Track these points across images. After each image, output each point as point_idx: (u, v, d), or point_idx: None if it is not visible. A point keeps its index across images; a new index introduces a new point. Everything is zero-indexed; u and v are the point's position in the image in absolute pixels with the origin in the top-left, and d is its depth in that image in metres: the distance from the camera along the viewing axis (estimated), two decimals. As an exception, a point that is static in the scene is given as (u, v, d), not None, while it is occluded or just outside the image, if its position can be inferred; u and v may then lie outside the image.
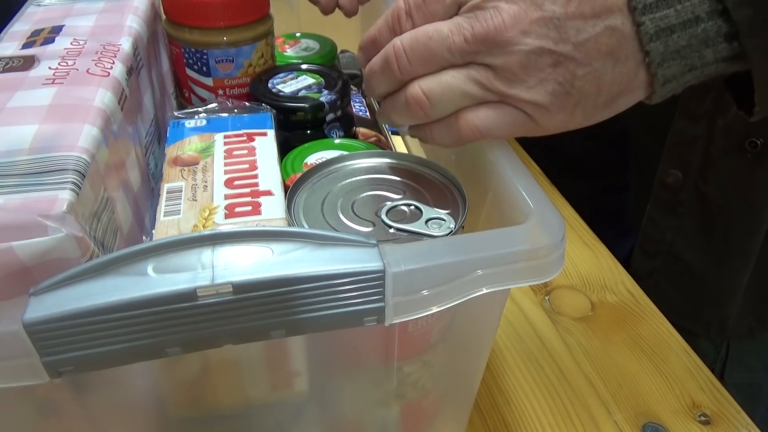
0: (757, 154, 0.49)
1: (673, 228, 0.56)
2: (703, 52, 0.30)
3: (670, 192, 0.55)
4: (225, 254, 0.24)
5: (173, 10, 0.47)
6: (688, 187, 0.54)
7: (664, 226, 0.57)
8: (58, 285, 0.23)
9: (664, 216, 0.56)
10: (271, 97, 0.46)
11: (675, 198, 0.55)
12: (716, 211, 0.53)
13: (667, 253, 0.57)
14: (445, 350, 0.33)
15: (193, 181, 0.37)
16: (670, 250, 0.57)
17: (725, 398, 0.43)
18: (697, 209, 0.54)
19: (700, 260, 0.56)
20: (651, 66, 0.30)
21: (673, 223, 0.56)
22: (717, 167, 0.51)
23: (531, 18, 0.30)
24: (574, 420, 0.41)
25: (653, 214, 0.57)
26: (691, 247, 0.56)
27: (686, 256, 0.57)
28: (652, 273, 0.58)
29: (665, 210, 0.56)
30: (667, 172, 0.54)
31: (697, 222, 0.55)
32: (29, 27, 0.41)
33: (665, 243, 0.57)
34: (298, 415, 0.34)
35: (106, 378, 0.27)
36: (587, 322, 0.49)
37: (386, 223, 0.32)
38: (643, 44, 0.29)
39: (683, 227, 0.56)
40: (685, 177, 0.53)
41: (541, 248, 0.27)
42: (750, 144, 0.49)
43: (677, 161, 0.53)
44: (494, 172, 0.33)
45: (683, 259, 0.57)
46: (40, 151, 0.29)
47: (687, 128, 0.52)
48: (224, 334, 0.25)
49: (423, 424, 0.37)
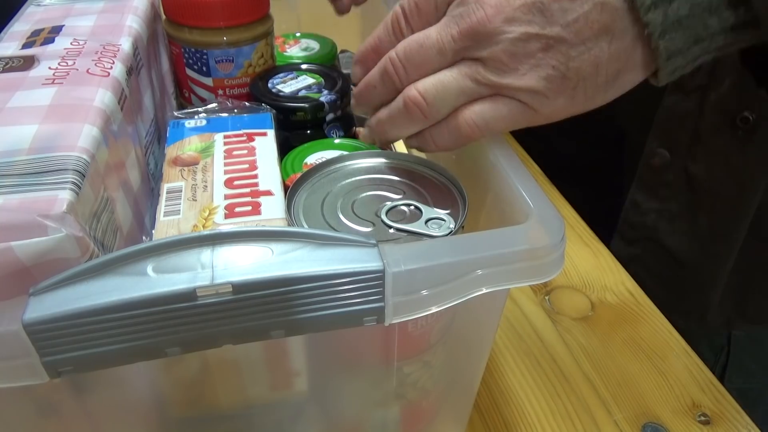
0: (748, 131, 0.48)
1: (656, 211, 0.55)
2: (707, 21, 0.28)
3: (655, 173, 0.54)
4: (225, 254, 0.24)
5: (173, 10, 0.47)
6: (675, 167, 0.52)
7: (646, 209, 0.55)
8: (58, 285, 0.23)
9: (648, 199, 0.55)
10: (271, 97, 0.46)
11: (660, 179, 0.54)
12: (703, 192, 0.52)
13: (648, 239, 0.56)
14: (444, 350, 0.33)
15: (193, 181, 0.37)
16: (651, 235, 0.56)
17: (725, 398, 0.43)
18: (684, 190, 0.53)
19: (683, 246, 0.55)
20: (651, 38, 0.29)
21: (656, 206, 0.55)
22: (706, 145, 0.50)
23: (514, 5, 0.30)
24: (574, 420, 0.41)
25: (636, 197, 0.56)
26: (673, 231, 0.55)
27: (668, 241, 0.55)
28: (630, 261, 0.57)
29: (649, 193, 0.55)
30: (653, 151, 0.53)
31: (681, 204, 0.54)
32: (29, 27, 0.41)
33: (646, 228, 0.56)
34: (298, 415, 0.34)
35: (106, 378, 0.27)
36: (587, 322, 0.49)
37: (386, 223, 0.32)
38: (640, 15, 0.28)
39: (667, 210, 0.55)
40: (673, 156, 0.52)
41: (540, 248, 0.27)
42: (742, 119, 0.48)
43: (665, 139, 0.52)
44: (494, 172, 0.33)
45: (665, 244, 0.56)
46: (40, 151, 0.29)
47: (677, 103, 0.50)
48: (224, 334, 0.25)
49: (423, 424, 0.37)
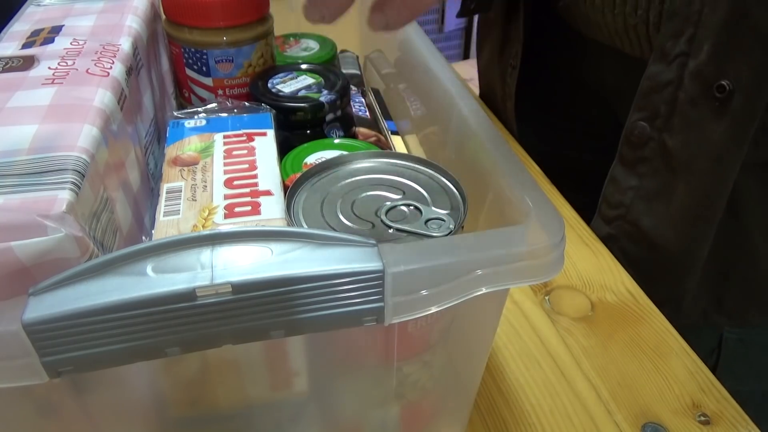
0: (723, 101, 0.48)
1: (634, 189, 0.55)
2: None
3: (635, 147, 0.53)
4: (224, 254, 0.24)
5: (173, 10, 0.47)
6: (653, 141, 0.52)
7: (625, 186, 0.55)
8: (58, 285, 0.23)
9: (627, 175, 0.55)
10: (270, 97, 0.46)
11: (639, 155, 0.53)
12: (680, 169, 0.52)
13: (624, 218, 0.56)
14: (444, 350, 0.33)
15: (193, 181, 0.37)
16: (627, 214, 0.56)
17: (725, 398, 0.43)
18: (661, 167, 0.53)
19: (660, 228, 0.55)
20: None
21: (635, 183, 0.55)
22: (683, 115, 0.50)
23: None
24: (574, 420, 0.41)
25: (616, 173, 0.56)
26: (649, 211, 0.55)
27: (645, 222, 0.55)
28: (607, 241, 0.56)
29: (628, 168, 0.55)
30: (634, 124, 0.53)
31: (658, 181, 0.53)
32: (29, 27, 0.41)
33: (623, 207, 0.56)
34: (298, 415, 0.34)
35: (106, 378, 0.27)
36: (587, 322, 0.49)
37: (386, 223, 0.32)
38: None
39: (644, 189, 0.54)
40: (651, 128, 0.52)
41: (540, 248, 0.27)
42: (718, 88, 0.48)
43: (645, 109, 0.52)
44: (494, 172, 0.33)
45: (640, 225, 0.55)
46: (40, 151, 0.29)
47: (660, 73, 0.50)
48: (223, 334, 0.25)
49: (423, 424, 0.37)
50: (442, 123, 0.42)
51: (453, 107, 0.40)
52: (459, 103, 0.39)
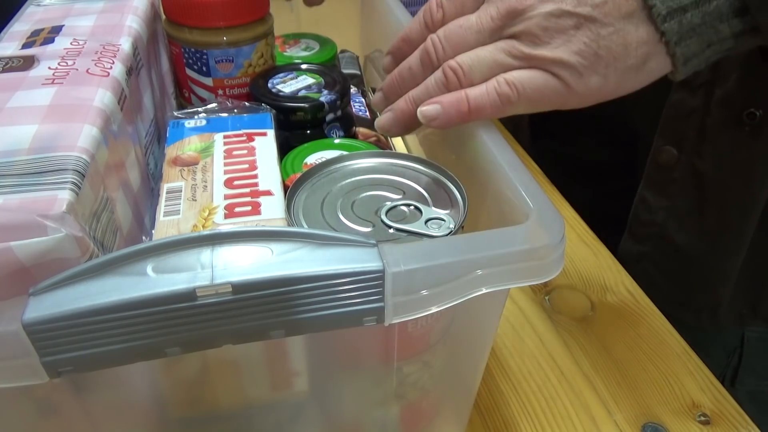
0: (755, 127, 0.48)
1: (665, 209, 0.55)
2: (718, 28, 0.31)
3: (663, 171, 0.54)
4: (224, 254, 0.24)
5: (173, 10, 0.47)
6: (683, 163, 0.52)
7: (656, 207, 0.55)
8: (58, 285, 0.23)
9: (657, 196, 0.55)
10: (270, 97, 0.46)
11: (668, 177, 0.54)
12: (711, 189, 0.52)
13: (658, 236, 0.56)
14: (444, 350, 0.33)
15: (193, 181, 0.37)
16: (660, 233, 0.56)
17: (725, 398, 0.43)
18: (691, 187, 0.53)
19: (693, 242, 0.55)
20: (669, 45, 0.31)
21: (666, 203, 0.55)
22: (713, 141, 0.50)
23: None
24: (574, 420, 0.41)
25: (645, 195, 0.56)
26: (683, 228, 0.55)
27: (678, 238, 0.55)
28: (641, 259, 0.57)
29: (658, 190, 0.55)
30: (661, 149, 0.53)
31: (690, 201, 0.54)
32: (29, 27, 0.41)
33: (656, 226, 0.56)
34: (298, 415, 0.34)
35: (106, 378, 0.27)
36: (587, 322, 0.49)
37: (386, 223, 0.32)
38: (658, 25, 0.31)
39: (676, 207, 0.54)
40: (680, 153, 0.52)
41: (540, 248, 0.27)
42: (748, 116, 0.48)
43: (672, 136, 0.52)
44: (494, 172, 0.33)
45: (675, 241, 0.56)
46: (40, 151, 0.29)
47: (684, 100, 0.50)
48: (223, 334, 0.25)
49: (423, 424, 0.37)
50: (442, 123, 0.42)
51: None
52: (459, 103, 0.39)
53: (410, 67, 0.37)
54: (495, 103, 0.33)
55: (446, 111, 0.34)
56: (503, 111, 0.34)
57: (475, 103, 0.33)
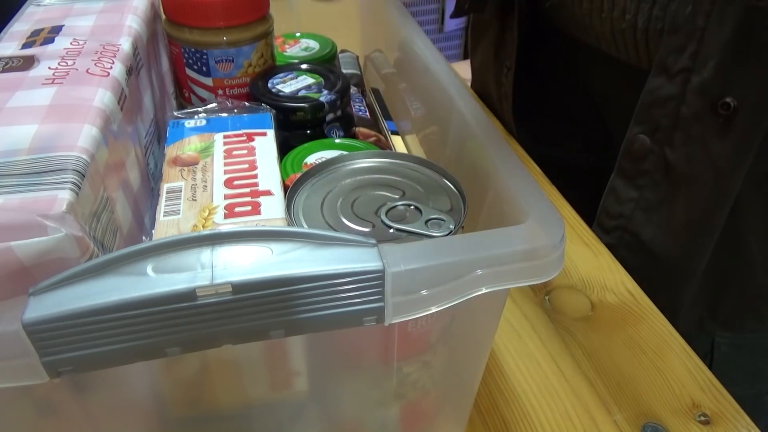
0: (727, 118, 0.48)
1: (634, 200, 0.55)
2: None
3: (634, 160, 0.53)
4: (224, 254, 0.24)
5: (173, 10, 0.47)
6: (654, 154, 0.52)
7: (624, 198, 0.55)
8: (58, 285, 0.23)
9: (626, 187, 0.55)
10: (270, 97, 0.46)
11: (639, 168, 0.53)
12: (681, 182, 0.52)
13: (624, 229, 0.56)
14: (444, 350, 0.33)
15: (193, 181, 0.37)
16: (627, 225, 0.56)
17: (725, 398, 0.43)
18: (661, 179, 0.53)
19: (659, 238, 0.55)
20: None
21: (635, 194, 0.54)
22: (686, 131, 0.50)
23: None
24: (574, 420, 0.41)
25: (615, 185, 0.55)
26: (650, 222, 0.55)
27: (644, 233, 0.55)
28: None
29: (627, 181, 0.54)
30: (634, 137, 0.53)
31: (658, 194, 0.53)
32: (29, 27, 0.41)
33: (623, 218, 0.56)
34: (298, 415, 0.34)
35: (106, 378, 0.27)
36: (587, 322, 0.49)
37: (386, 223, 0.32)
38: None
39: (644, 200, 0.54)
40: (652, 142, 0.52)
41: (540, 248, 0.27)
42: (723, 105, 0.47)
43: (646, 123, 0.52)
44: (494, 172, 0.33)
45: (639, 236, 0.55)
46: (40, 151, 0.29)
47: (661, 87, 0.50)
48: (223, 334, 0.25)
49: (423, 424, 0.37)
50: (442, 123, 0.42)
51: (453, 107, 0.40)
52: (459, 103, 0.39)
53: None
54: None
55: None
56: None
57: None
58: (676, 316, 0.56)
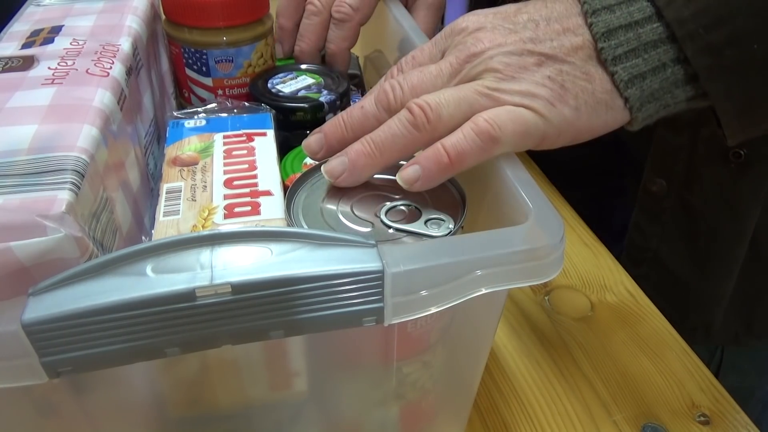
0: (741, 164, 0.49)
1: (658, 235, 0.56)
2: (674, 93, 0.32)
3: (654, 200, 0.55)
4: (224, 254, 0.24)
5: (173, 10, 0.47)
6: (672, 195, 0.54)
7: (649, 233, 0.57)
8: (57, 285, 0.23)
9: (649, 223, 0.56)
10: (270, 97, 0.46)
11: (659, 206, 0.55)
12: (700, 220, 0.53)
13: (653, 260, 0.57)
14: (444, 350, 0.33)
15: (193, 181, 0.37)
16: (655, 257, 0.57)
17: (725, 398, 0.43)
18: (681, 217, 0.54)
19: (684, 268, 0.56)
20: (632, 110, 0.32)
21: (658, 230, 0.56)
22: (701, 177, 0.52)
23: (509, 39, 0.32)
24: (573, 420, 0.41)
25: (639, 221, 0.57)
26: (675, 254, 0.56)
27: (670, 263, 0.57)
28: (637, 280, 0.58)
29: (650, 217, 0.56)
30: (652, 180, 0.54)
31: (681, 230, 0.55)
32: (29, 27, 0.41)
33: (650, 251, 0.57)
34: (298, 415, 0.34)
35: (105, 378, 0.27)
36: (587, 322, 0.49)
37: (385, 223, 0.32)
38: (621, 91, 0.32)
39: (667, 235, 0.56)
40: (669, 186, 0.53)
41: (540, 248, 0.27)
42: (734, 154, 0.49)
43: (661, 170, 0.53)
44: (494, 172, 0.33)
45: (668, 266, 0.57)
46: (39, 151, 0.29)
47: (669, 138, 0.51)
48: (223, 334, 0.25)
49: (422, 424, 0.37)
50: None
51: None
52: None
53: (363, 107, 0.33)
54: (477, 145, 0.30)
55: (426, 169, 0.31)
56: (488, 153, 0.31)
57: (455, 151, 0.30)
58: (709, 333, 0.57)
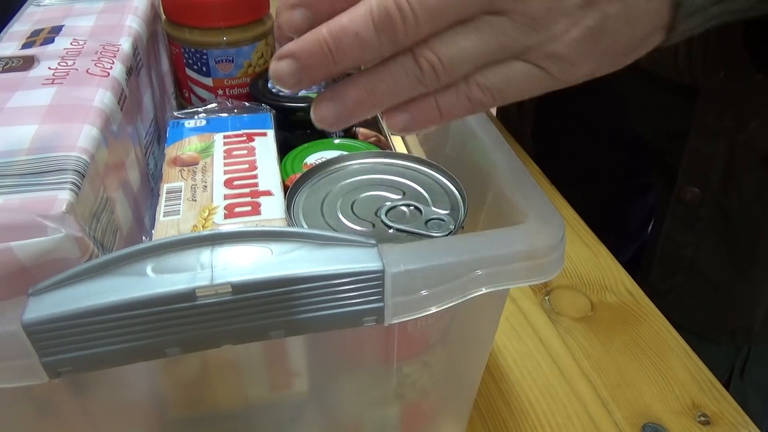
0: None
1: (694, 244, 0.55)
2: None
3: (688, 209, 0.54)
4: (224, 254, 0.24)
5: (173, 10, 0.47)
6: (708, 202, 0.52)
7: (683, 242, 0.55)
8: (57, 285, 0.23)
9: (683, 232, 0.55)
10: (270, 97, 0.46)
11: (693, 214, 0.54)
12: (739, 225, 0.52)
13: (689, 269, 0.56)
14: (444, 351, 0.33)
15: (193, 181, 0.37)
16: (691, 265, 0.56)
17: (725, 398, 0.43)
18: (719, 224, 0.53)
19: (724, 274, 0.55)
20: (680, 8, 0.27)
21: (693, 239, 0.55)
22: (738, 182, 0.50)
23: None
24: (573, 420, 0.41)
25: (671, 230, 0.56)
26: (713, 261, 0.55)
27: (709, 270, 0.56)
28: (672, 289, 0.57)
29: (683, 226, 0.55)
30: (684, 189, 0.53)
31: (718, 236, 0.54)
32: (29, 27, 0.41)
33: (686, 259, 0.56)
34: (298, 415, 0.34)
35: (106, 378, 0.27)
36: (587, 322, 0.49)
37: (386, 223, 0.32)
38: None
39: (704, 242, 0.54)
40: (704, 193, 0.52)
41: (540, 248, 0.27)
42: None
43: (695, 178, 0.52)
44: (494, 172, 0.33)
45: (706, 273, 0.56)
46: (40, 151, 0.29)
47: (704, 146, 0.50)
48: (223, 334, 0.25)
49: (422, 424, 0.37)
50: (442, 123, 0.42)
51: (453, 107, 0.40)
52: (459, 103, 0.39)
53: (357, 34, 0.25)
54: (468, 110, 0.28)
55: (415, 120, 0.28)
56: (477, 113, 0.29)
57: (447, 112, 0.28)
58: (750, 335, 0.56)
